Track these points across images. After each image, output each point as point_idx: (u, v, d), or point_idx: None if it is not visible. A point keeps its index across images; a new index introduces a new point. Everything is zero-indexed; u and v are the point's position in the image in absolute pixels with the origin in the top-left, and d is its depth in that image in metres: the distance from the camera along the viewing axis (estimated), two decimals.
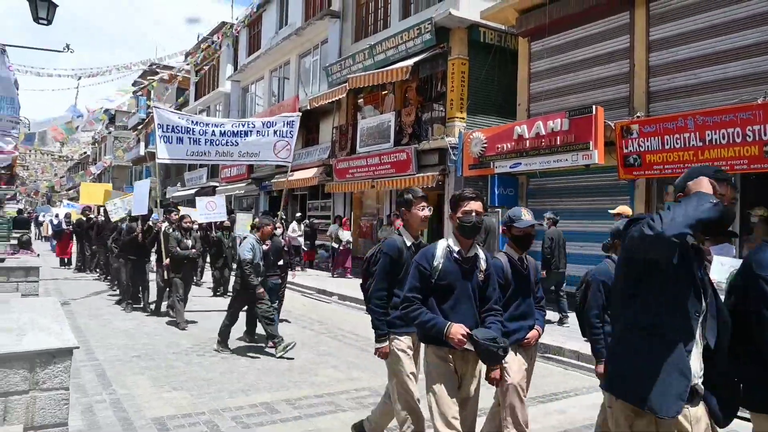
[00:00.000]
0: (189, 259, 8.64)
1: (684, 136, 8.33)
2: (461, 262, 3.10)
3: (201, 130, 9.33)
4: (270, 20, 23.17)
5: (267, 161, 10.76)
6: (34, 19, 7.81)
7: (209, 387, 5.39)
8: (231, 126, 9.67)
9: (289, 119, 10.03)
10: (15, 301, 4.59)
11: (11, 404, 2.90)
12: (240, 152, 9.69)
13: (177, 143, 9.15)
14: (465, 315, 3.05)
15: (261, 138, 9.65)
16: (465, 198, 3.11)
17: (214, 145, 9.40)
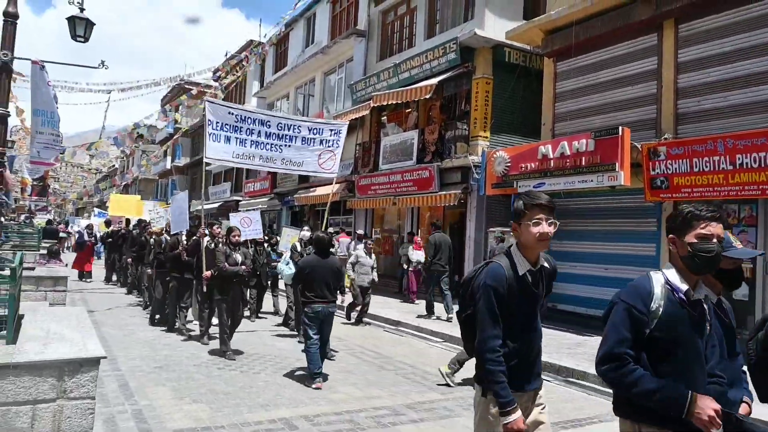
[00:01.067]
0: (238, 276, 7.59)
1: (714, 159, 8.18)
2: (689, 306, 2.19)
3: (248, 129, 8.63)
4: (297, 38, 23.61)
5: (310, 172, 10.01)
6: (72, 36, 8.09)
7: (229, 400, 5.40)
8: (277, 127, 8.91)
9: (336, 128, 9.42)
10: (44, 310, 4.70)
11: (39, 412, 2.95)
12: (283, 159, 9.02)
13: (225, 142, 8.48)
14: (695, 384, 2.12)
15: (306, 146, 9.10)
16: (702, 217, 2.22)
17: (258, 148, 8.75)
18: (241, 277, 7.61)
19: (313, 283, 6.24)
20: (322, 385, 6.03)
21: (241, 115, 8.67)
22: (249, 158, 8.76)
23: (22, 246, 10.56)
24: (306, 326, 6.30)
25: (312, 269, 6.31)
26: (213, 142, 8.34)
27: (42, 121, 8.77)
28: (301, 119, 9.69)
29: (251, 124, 8.68)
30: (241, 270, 7.56)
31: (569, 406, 5.87)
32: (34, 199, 31.64)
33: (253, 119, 8.75)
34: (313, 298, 6.24)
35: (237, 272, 7.51)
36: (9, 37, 6.68)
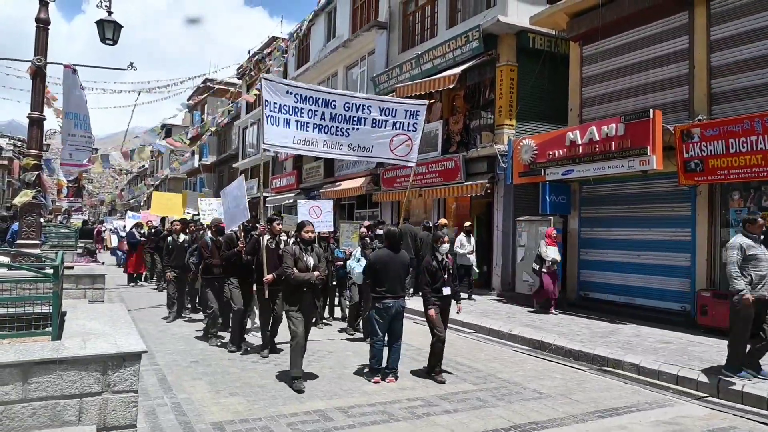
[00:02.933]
0: (310, 285, 5.98)
1: (751, 139, 7.90)
2: None
3: (309, 111, 7.56)
4: (318, 33, 23.66)
5: (381, 159, 8.78)
6: (101, 39, 8.27)
7: (264, 393, 5.49)
8: (344, 108, 7.78)
9: (412, 108, 8.17)
10: (84, 307, 4.84)
11: (85, 405, 3.05)
12: (350, 145, 7.91)
13: (284, 126, 7.41)
14: None
15: (376, 130, 7.95)
16: None
17: (322, 133, 7.66)
18: (313, 286, 6.02)
19: (384, 278, 6.00)
20: (380, 380, 6.03)
21: (302, 94, 7.55)
22: (311, 144, 7.69)
23: (60, 246, 10.89)
24: (375, 322, 6.14)
25: (384, 264, 6.04)
26: (271, 125, 7.31)
27: (75, 123, 8.99)
28: (372, 98, 8.40)
29: (313, 105, 7.61)
30: (314, 277, 5.95)
31: (606, 395, 5.78)
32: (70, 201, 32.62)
33: (315, 99, 7.64)
34: (384, 294, 6.02)
35: (308, 281, 5.92)
36: (42, 42, 6.87)
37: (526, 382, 6.18)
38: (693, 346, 7.57)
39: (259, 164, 29.83)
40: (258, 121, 30.14)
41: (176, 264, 10.01)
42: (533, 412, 5.14)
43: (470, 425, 4.76)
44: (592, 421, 4.95)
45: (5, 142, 48.50)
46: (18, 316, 3.46)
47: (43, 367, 2.99)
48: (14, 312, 3.47)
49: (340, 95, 8.04)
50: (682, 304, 9.52)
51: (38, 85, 7.02)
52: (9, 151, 47.73)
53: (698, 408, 5.47)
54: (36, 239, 7.01)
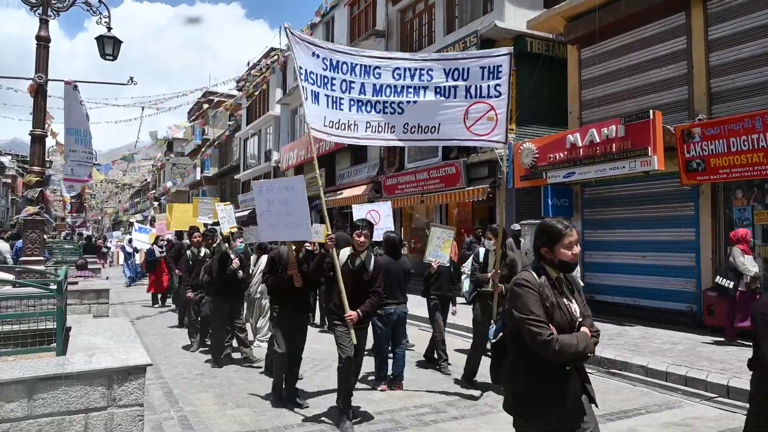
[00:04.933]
0: None
1: (752, 138, 7.89)
2: None
3: (344, 83, 5.44)
4: None
5: (454, 141, 6.10)
6: (101, 55, 8.31)
7: (271, 404, 5.46)
8: (393, 75, 5.56)
9: (491, 62, 5.59)
10: (89, 322, 4.83)
11: (91, 420, 3.04)
12: (406, 126, 5.59)
13: (313, 102, 5.32)
14: None
15: (443, 101, 5.58)
16: None
17: (363, 112, 5.47)
18: None
19: (386, 284, 5.57)
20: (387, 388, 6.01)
21: (331, 59, 5.38)
22: (349, 128, 5.48)
23: (64, 262, 10.92)
24: (378, 329, 6.15)
25: (386, 271, 5.68)
26: (306, 100, 5.27)
27: (76, 139, 9.01)
28: (432, 57, 5.89)
29: (348, 74, 5.44)
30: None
31: (615, 398, 5.74)
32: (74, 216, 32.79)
33: (350, 66, 5.44)
34: (386, 300, 5.78)
35: None
36: (42, 60, 6.90)
37: None
38: (701, 347, 7.52)
39: (260, 175, 29.95)
40: (259, 132, 30.28)
41: (198, 283, 8.23)
42: None
43: (478, 431, 4.73)
44: (601, 424, 4.88)
45: (8, 160, 48.79)
46: (23, 332, 3.45)
47: (48, 382, 2.98)
48: (19, 328, 3.46)
49: (387, 59, 5.67)
50: (689, 304, 9.47)
51: (39, 102, 7.05)
52: (12, 169, 48.01)
53: (709, 409, 5.42)
54: (40, 255, 7.01)
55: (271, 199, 5.40)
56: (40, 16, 6.78)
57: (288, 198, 5.27)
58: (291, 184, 5.37)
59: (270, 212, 5.42)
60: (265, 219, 5.49)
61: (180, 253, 10.65)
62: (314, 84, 5.34)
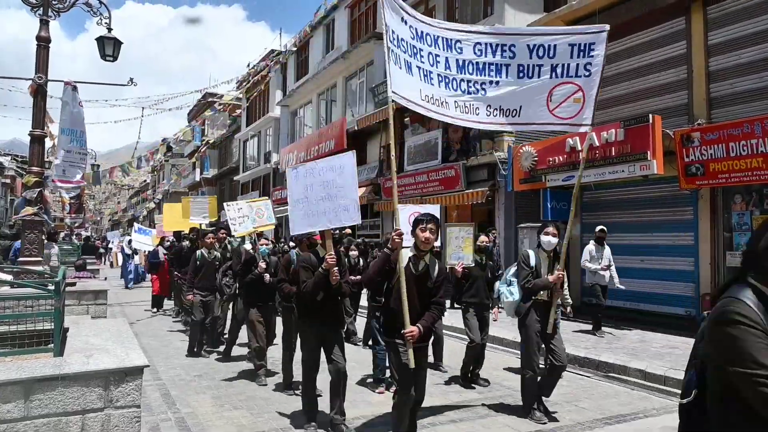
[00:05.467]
0: None
1: (751, 143, 7.90)
2: None
3: (431, 55, 4.86)
4: (317, 45, 23.81)
5: (535, 125, 5.38)
6: (101, 56, 8.30)
7: (269, 406, 5.45)
8: (474, 51, 4.99)
9: (582, 40, 5.05)
10: (86, 323, 4.83)
11: (88, 421, 3.03)
12: (489, 109, 5.00)
13: (407, 71, 4.74)
14: None
15: (525, 82, 4.99)
16: None
17: (450, 89, 4.88)
18: None
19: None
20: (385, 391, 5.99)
21: (417, 28, 4.81)
22: (439, 105, 4.90)
23: (62, 263, 10.89)
24: (377, 331, 6.07)
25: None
26: (394, 65, 4.62)
27: (71, 139, 8.97)
28: (515, 32, 5.48)
29: (433, 46, 4.89)
30: None
31: (613, 402, 5.73)
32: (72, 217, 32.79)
33: (434, 38, 4.90)
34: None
35: None
36: (42, 60, 6.90)
37: None
38: None
39: (260, 177, 29.97)
40: (259, 134, 30.28)
41: (203, 285, 7.86)
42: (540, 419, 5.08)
43: None
44: (600, 428, 4.91)
45: (8, 161, 48.77)
46: (20, 333, 3.44)
47: (45, 383, 2.98)
48: (16, 329, 3.46)
49: (467, 32, 5.09)
50: (687, 308, 9.47)
51: (39, 103, 7.05)
52: (11, 170, 47.99)
53: None
54: (38, 256, 7.00)
55: (311, 183, 4.73)
56: (40, 17, 6.78)
57: (333, 179, 4.60)
58: (338, 162, 4.66)
59: (307, 199, 4.72)
60: (300, 208, 4.77)
61: (180, 254, 10.26)
62: (405, 52, 4.72)
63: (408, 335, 3.83)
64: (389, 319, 4.12)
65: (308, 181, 4.74)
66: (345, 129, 18.51)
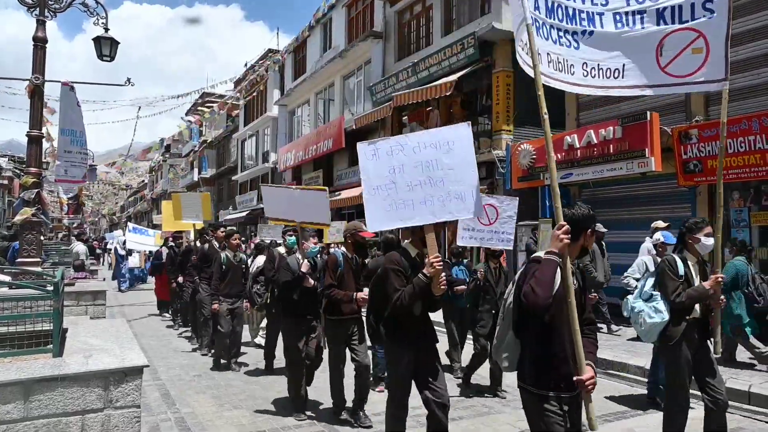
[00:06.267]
0: None
1: (749, 139, 7.92)
2: None
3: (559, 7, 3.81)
4: (314, 44, 23.79)
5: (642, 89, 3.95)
6: (98, 56, 8.29)
7: (268, 405, 5.46)
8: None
9: None
10: (85, 324, 4.82)
11: (88, 422, 3.03)
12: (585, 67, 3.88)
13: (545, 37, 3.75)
14: None
15: (622, 31, 3.85)
16: None
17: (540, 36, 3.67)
18: None
19: None
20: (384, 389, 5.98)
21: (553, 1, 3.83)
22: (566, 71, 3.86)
23: (61, 263, 10.88)
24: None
25: None
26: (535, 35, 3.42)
27: (71, 140, 8.96)
28: None
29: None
30: None
31: (613, 399, 5.74)
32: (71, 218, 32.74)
33: None
34: None
35: None
36: (39, 61, 6.89)
37: None
38: None
39: (258, 176, 29.95)
40: (257, 133, 30.25)
41: (230, 292, 7.06)
42: None
43: None
44: (600, 426, 4.91)
45: (5, 161, 48.65)
46: (19, 334, 3.44)
47: (44, 384, 2.97)
48: (15, 330, 3.45)
49: None
50: None
51: (36, 103, 7.04)
52: (9, 171, 47.89)
53: None
54: (36, 257, 6.99)
55: (400, 164, 3.55)
56: (37, 17, 6.76)
57: (437, 158, 3.48)
58: (447, 136, 3.53)
59: (395, 185, 3.52)
60: (382, 196, 3.55)
61: (188, 256, 9.39)
62: (537, 8, 3.63)
63: (589, 383, 2.54)
64: (541, 365, 2.67)
65: (395, 162, 3.56)
66: (343, 128, 18.51)
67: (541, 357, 2.64)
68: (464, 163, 3.46)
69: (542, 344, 2.65)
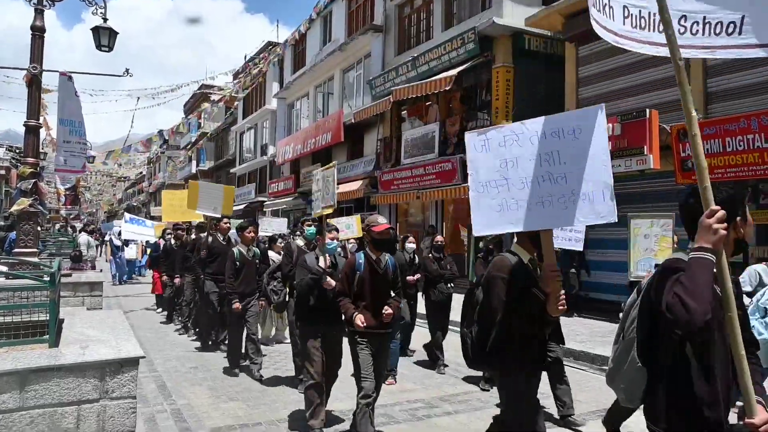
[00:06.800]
0: None
1: (747, 138, 7.93)
2: None
3: None
4: (314, 37, 23.70)
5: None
6: (96, 46, 8.25)
7: (264, 398, 5.47)
8: None
9: None
10: (82, 315, 4.82)
11: (83, 412, 3.03)
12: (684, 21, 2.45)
13: None
14: None
15: None
16: None
17: None
18: None
19: None
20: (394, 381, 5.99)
21: None
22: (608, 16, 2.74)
23: (58, 254, 10.86)
24: None
25: None
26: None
27: (70, 130, 8.93)
28: None
29: None
30: None
31: (608, 395, 5.75)
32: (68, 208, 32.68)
33: None
34: None
35: None
36: (37, 50, 6.85)
37: None
38: None
39: (256, 169, 29.90)
40: (255, 126, 30.18)
41: (245, 291, 6.43)
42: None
43: (471, 426, 4.75)
44: (593, 421, 4.94)
45: (2, 152, 48.47)
46: (15, 324, 3.44)
47: (40, 374, 2.97)
48: (11, 320, 3.45)
49: None
50: None
51: (34, 93, 7.00)
52: (6, 161, 47.72)
53: None
54: (33, 247, 6.98)
55: (514, 156, 2.94)
56: (35, 6, 6.72)
57: (561, 149, 2.83)
58: (572, 122, 2.87)
59: (506, 182, 2.93)
60: (491, 195, 2.96)
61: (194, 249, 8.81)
62: None
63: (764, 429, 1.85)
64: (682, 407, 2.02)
65: (509, 154, 2.96)
66: (342, 122, 18.47)
67: (683, 396, 1.97)
68: (594, 156, 2.76)
69: (683, 377, 1.98)
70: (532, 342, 2.91)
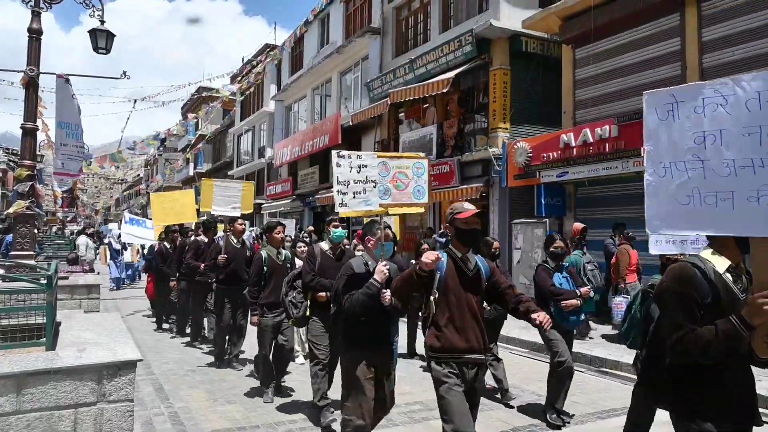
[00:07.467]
0: None
1: None
2: None
3: None
4: (311, 40, 23.73)
5: None
6: (94, 49, 8.22)
7: (261, 401, 5.45)
8: None
9: None
10: (79, 317, 4.81)
11: (80, 416, 3.02)
12: None
13: None
14: None
15: None
16: None
17: None
18: None
19: None
20: None
21: None
22: None
23: (55, 257, 10.83)
24: None
25: None
26: None
27: (67, 133, 8.90)
28: None
29: None
30: None
31: (605, 396, 5.78)
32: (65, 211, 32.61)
33: None
34: None
35: None
36: (34, 53, 6.83)
37: (525, 385, 6.16)
38: None
39: (254, 171, 29.87)
40: (253, 128, 30.16)
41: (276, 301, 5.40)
42: (533, 414, 5.12)
43: None
44: (592, 422, 4.95)
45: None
46: (12, 327, 3.42)
47: (37, 377, 2.96)
48: (8, 323, 3.44)
49: None
50: None
51: (31, 96, 6.98)
52: (3, 163, 47.61)
53: None
54: (30, 250, 6.96)
55: (716, 129, 2.12)
56: (32, 8, 6.71)
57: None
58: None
59: (701, 164, 2.13)
60: (675, 182, 2.19)
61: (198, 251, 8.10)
62: None
63: None
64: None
65: (710, 125, 2.13)
66: (340, 124, 18.49)
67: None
68: None
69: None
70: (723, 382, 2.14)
